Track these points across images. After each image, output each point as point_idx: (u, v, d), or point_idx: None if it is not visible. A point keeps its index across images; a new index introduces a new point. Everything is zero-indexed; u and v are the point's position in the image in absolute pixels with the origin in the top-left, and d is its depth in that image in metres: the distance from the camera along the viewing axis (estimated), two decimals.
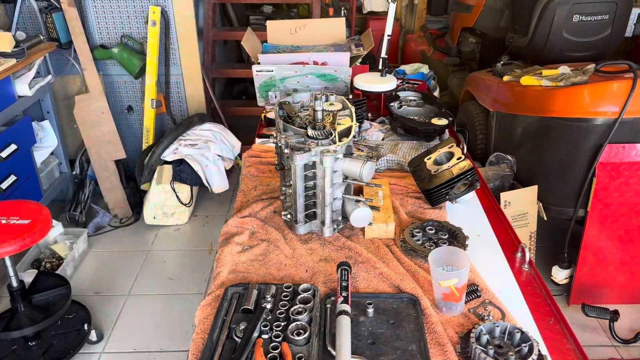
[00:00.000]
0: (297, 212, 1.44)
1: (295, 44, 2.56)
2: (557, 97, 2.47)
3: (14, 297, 2.28)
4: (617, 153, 2.36)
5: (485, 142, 3.29)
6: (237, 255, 1.40)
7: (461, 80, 4.01)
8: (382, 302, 1.21)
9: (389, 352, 1.07)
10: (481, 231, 1.54)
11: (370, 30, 2.59)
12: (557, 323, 1.20)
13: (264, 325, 1.11)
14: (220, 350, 1.07)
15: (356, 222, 1.42)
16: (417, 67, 3.45)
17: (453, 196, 1.60)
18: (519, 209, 2.62)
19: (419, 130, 1.98)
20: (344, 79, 2.26)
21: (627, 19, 3.09)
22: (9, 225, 2.11)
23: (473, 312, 1.20)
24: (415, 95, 2.27)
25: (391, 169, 1.88)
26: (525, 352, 1.03)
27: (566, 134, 2.44)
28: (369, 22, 5.00)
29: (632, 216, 2.46)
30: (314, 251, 1.42)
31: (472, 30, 4.32)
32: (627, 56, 3.94)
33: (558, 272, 2.73)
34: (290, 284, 1.24)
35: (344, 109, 1.45)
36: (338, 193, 1.43)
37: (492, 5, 3.84)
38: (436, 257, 1.18)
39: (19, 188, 2.80)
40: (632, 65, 2.43)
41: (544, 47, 3.06)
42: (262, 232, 1.50)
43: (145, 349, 2.44)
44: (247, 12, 4.94)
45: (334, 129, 1.34)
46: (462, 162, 1.56)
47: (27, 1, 3.20)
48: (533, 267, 1.39)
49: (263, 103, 2.41)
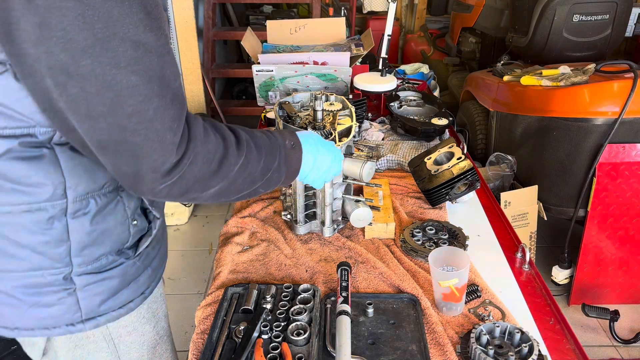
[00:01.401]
0: (297, 212, 1.44)
1: (295, 43, 2.56)
2: (557, 97, 2.47)
3: None
4: (617, 153, 2.36)
5: (485, 142, 3.29)
6: (237, 255, 1.40)
7: (461, 80, 4.01)
8: (382, 302, 1.21)
9: (389, 352, 1.07)
10: (481, 231, 1.54)
11: (370, 30, 2.59)
12: (557, 323, 1.20)
13: (264, 325, 1.10)
14: (220, 350, 1.07)
15: (356, 222, 1.42)
16: (417, 67, 3.44)
17: (453, 196, 1.60)
18: (519, 209, 2.62)
19: (419, 130, 1.98)
20: (344, 78, 2.26)
21: (627, 19, 3.09)
22: None
23: (473, 312, 1.20)
24: (416, 95, 2.27)
25: (391, 169, 1.88)
26: (526, 353, 1.03)
27: (566, 134, 2.44)
28: (369, 22, 5.00)
29: (632, 216, 2.46)
30: (314, 251, 1.42)
31: (472, 30, 4.32)
32: (627, 56, 3.94)
33: (558, 272, 2.73)
34: (290, 284, 1.24)
35: (343, 109, 1.45)
36: (338, 193, 1.43)
37: (492, 5, 3.84)
38: (436, 257, 1.18)
39: None
40: (632, 65, 2.43)
41: (544, 47, 3.06)
42: (262, 232, 1.50)
43: None
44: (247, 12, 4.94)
45: (334, 129, 1.34)
46: (462, 162, 1.56)
47: None
48: (533, 267, 1.39)
49: (263, 103, 2.41)
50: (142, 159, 0.76)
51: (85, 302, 0.95)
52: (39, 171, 0.82)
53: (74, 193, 0.86)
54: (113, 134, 0.73)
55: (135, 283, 1.01)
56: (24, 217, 0.85)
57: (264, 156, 0.94)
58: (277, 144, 0.99)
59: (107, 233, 0.93)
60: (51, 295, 0.92)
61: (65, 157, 0.84)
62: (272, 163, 0.96)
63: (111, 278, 0.96)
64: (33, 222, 0.85)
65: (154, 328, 1.13)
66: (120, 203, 0.93)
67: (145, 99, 0.72)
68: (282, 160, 0.99)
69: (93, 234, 0.91)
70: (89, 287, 0.94)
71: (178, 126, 0.77)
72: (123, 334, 1.06)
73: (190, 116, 0.82)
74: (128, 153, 0.75)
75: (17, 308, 0.92)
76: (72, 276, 0.92)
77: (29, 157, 0.81)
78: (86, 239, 0.90)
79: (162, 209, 1.04)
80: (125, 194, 0.94)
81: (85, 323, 0.96)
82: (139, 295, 1.03)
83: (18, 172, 0.81)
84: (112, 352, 1.07)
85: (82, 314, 0.95)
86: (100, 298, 0.96)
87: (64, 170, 0.84)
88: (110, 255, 0.95)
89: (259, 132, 0.98)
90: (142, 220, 0.99)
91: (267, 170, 0.95)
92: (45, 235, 0.87)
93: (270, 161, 0.96)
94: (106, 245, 0.94)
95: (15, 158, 0.80)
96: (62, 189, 0.85)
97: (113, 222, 0.93)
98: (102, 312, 0.97)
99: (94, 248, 0.92)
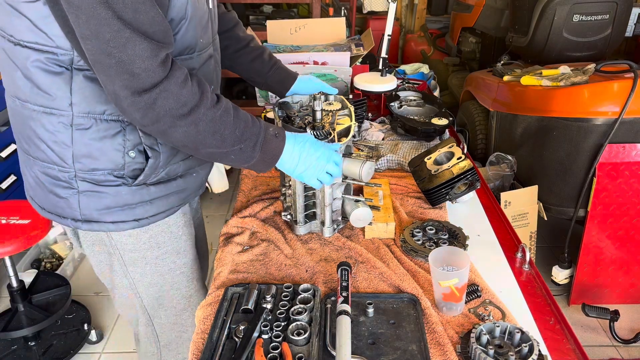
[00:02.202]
0: (297, 212, 1.44)
1: (295, 43, 2.56)
2: (558, 97, 2.47)
3: (14, 297, 2.28)
4: (617, 153, 2.36)
5: (485, 142, 3.29)
6: (237, 255, 1.40)
7: (461, 80, 4.01)
8: (382, 302, 1.21)
9: (389, 352, 1.07)
10: (481, 231, 1.54)
11: (370, 30, 2.59)
12: (557, 323, 1.20)
13: (264, 325, 1.10)
14: (221, 350, 1.07)
15: (356, 222, 1.42)
16: (417, 67, 3.44)
17: (453, 196, 1.60)
18: (519, 209, 2.62)
19: (419, 130, 1.98)
20: (344, 78, 2.26)
21: (627, 18, 3.09)
22: (9, 225, 2.11)
23: (473, 312, 1.20)
24: (416, 95, 2.27)
25: (391, 169, 1.88)
26: (526, 352, 1.03)
27: (566, 133, 2.44)
28: (369, 22, 5.00)
29: (633, 216, 2.46)
30: (314, 251, 1.42)
31: (472, 30, 4.32)
32: (627, 56, 3.94)
33: (558, 272, 2.74)
34: (291, 284, 1.24)
35: (343, 109, 1.45)
36: (338, 193, 1.43)
37: (493, 5, 3.84)
38: (436, 257, 1.18)
39: (19, 188, 2.80)
40: (633, 65, 2.43)
41: (544, 47, 3.06)
42: (262, 232, 1.50)
43: None
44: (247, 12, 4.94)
45: (333, 129, 1.34)
46: (462, 161, 1.56)
47: None
48: (533, 267, 1.39)
49: (263, 103, 2.41)
50: (116, 77, 0.97)
51: (84, 205, 1.19)
52: (56, 84, 1.08)
53: (77, 109, 1.10)
54: (97, 54, 0.96)
55: (129, 208, 1.22)
56: (43, 117, 1.11)
57: (239, 127, 1.11)
58: (258, 126, 1.16)
59: (103, 152, 1.14)
60: (62, 190, 1.19)
61: (77, 79, 1.08)
62: (246, 136, 1.12)
63: (106, 194, 1.19)
64: (49, 122, 1.12)
65: (157, 258, 1.34)
66: (120, 134, 1.14)
67: (118, 30, 0.93)
68: (259, 140, 1.15)
69: (90, 147, 1.14)
70: (88, 194, 1.18)
71: (150, 58, 0.97)
72: (127, 251, 1.30)
73: (177, 63, 1.04)
74: (106, 72, 0.97)
75: (42, 190, 1.22)
76: (77, 179, 1.17)
77: (52, 72, 1.07)
78: (84, 149, 1.14)
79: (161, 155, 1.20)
80: (130, 128, 1.15)
81: (83, 224, 1.22)
82: (131, 220, 1.24)
83: (43, 81, 1.07)
84: (118, 259, 1.32)
85: (80, 214, 1.20)
86: (95, 207, 1.20)
87: (72, 89, 1.08)
88: (108, 174, 1.17)
89: (247, 114, 1.16)
90: (139, 156, 1.18)
91: (238, 140, 1.11)
92: (56, 136, 1.13)
93: (244, 134, 1.12)
94: (101, 162, 1.15)
95: (43, 69, 1.06)
96: (69, 103, 1.09)
97: (110, 146, 1.14)
98: (96, 219, 1.21)
99: (91, 160, 1.15)
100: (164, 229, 1.32)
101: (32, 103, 1.11)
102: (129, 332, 2.53)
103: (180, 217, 1.36)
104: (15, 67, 1.09)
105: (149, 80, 0.98)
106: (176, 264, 1.38)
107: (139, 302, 1.42)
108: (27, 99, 1.11)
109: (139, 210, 1.23)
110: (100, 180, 1.17)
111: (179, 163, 1.26)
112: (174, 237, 1.35)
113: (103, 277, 1.43)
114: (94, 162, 1.15)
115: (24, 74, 1.08)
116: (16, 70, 1.09)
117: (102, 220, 1.21)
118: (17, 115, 1.17)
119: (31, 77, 1.08)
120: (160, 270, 1.37)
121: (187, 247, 1.41)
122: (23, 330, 2.21)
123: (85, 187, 1.17)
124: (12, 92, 1.14)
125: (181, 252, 1.39)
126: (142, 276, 1.36)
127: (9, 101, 1.18)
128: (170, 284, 1.40)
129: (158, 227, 1.30)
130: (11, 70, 1.10)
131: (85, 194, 1.18)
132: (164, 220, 1.31)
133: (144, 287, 1.38)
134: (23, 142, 1.20)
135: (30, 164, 1.21)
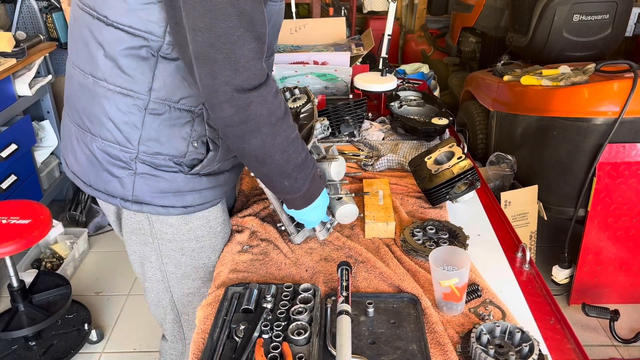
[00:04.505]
0: (286, 225, 1.43)
1: (295, 43, 2.56)
2: (557, 96, 2.47)
3: (15, 296, 2.29)
4: (617, 153, 2.36)
5: (485, 141, 3.29)
6: (237, 255, 1.40)
7: (461, 80, 4.01)
8: (382, 301, 1.21)
9: (389, 352, 1.07)
10: (482, 231, 1.54)
11: (370, 29, 2.59)
12: (557, 323, 1.20)
13: (265, 325, 1.10)
14: (221, 350, 1.07)
15: (343, 219, 1.42)
16: (417, 67, 3.44)
17: (453, 196, 1.60)
18: (520, 209, 2.62)
19: (419, 130, 1.98)
20: (344, 78, 2.26)
21: (627, 18, 3.09)
22: (9, 225, 2.11)
23: (473, 311, 1.20)
24: (416, 95, 2.27)
25: (391, 169, 1.88)
26: (526, 352, 1.03)
27: (566, 133, 2.44)
28: (369, 22, 4.99)
29: (632, 216, 2.46)
30: (314, 251, 1.42)
31: (472, 30, 4.32)
32: (627, 56, 3.94)
33: (558, 272, 2.74)
34: (291, 283, 1.24)
35: (307, 102, 1.42)
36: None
37: (493, 4, 3.84)
38: (436, 256, 1.18)
39: (19, 188, 2.80)
40: (633, 65, 2.43)
41: (544, 46, 3.06)
42: (262, 231, 1.50)
43: (145, 348, 2.44)
44: None
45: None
46: (462, 161, 1.56)
47: (27, 1, 3.20)
48: (533, 267, 1.39)
49: None
50: (219, 72, 0.97)
51: (138, 186, 1.21)
52: (140, 68, 1.10)
53: (155, 94, 1.13)
54: (205, 47, 0.96)
55: (180, 195, 1.24)
56: (118, 97, 1.13)
57: (302, 156, 1.15)
58: (313, 161, 1.22)
59: (169, 138, 1.17)
60: (119, 169, 1.20)
61: (161, 67, 1.10)
62: (304, 167, 1.17)
63: (162, 179, 1.21)
64: (123, 103, 1.13)
65: (193, 251, 1.35)
66: (189, 124, 1.18)
67: (233, 27, 0.95)
68: (310, 175, 1.20)
69: (159, 133, 1.16)
70: (144, 176, 1.20)
71: (255, 59, 0.99)
72: (165, 240, 1.32)
73: (271, 74, 1.06)
74: (211, 65, 0.97)
75: (95, 168, 1.22)
76: (137, 161, 1.19)
77: (139, 57, 1.09)
78: (153, 134, 1.16)
79: (220, 149, 1.24)
80: (199, 120, 1.18)
81: (133, 204, 1.23)
82: (180, 206, 1.26)
83: (128, 64, 1.09)
84: (155, 249, 1.33)
85: (132, 194, 1.22)
86: (149, 189, 1.22)
87: (155, 75, 1.11)
88: (168, 159, 1.20)
89: None
90: (201, 147, 1.21)
91: (297, 167, 1.15)
92: (128, 117, 1.14)
93: (304, 164, 1.17)
94: (165, 147, 1.18)
95: (130, 53, 1.08)
96: (148, 88, 1.12)
97: (177, 133, 1.18)
98: (147, 202, 1.23)
99: (156, 144, 1.17)
100: (204, 223, 1.34)
101: (109, 82, 1.12)
102: (129, 332, 2.53)
103: (220, 214, 1.38)
104: (98, 46, 1.09)
105: (251, 81, 0.99)
106: (211, 260, 1.39)
107: (168, 297, 1.43)
108: (105, 78, 1.12)
109: (189, 198, 1.26)
110: (160, 164, 1.20)
111: (231, 159, 1.30)
112: (213, 232, 1.37)
113: (137, 268, 1.44)
114: (159, 147, 1.18)
115: (109, 54, 1.09)
116: (99, 49, 1.10)
117: (152, 203, 1.23)
118: (86, 91, 1.16)
119: (116, 58, 1.09)
120: (195, 264, 1.37)
121: (222, 245, 1.42)
122: (23, 330, 2.21)
123: (144, 169, 1.20)
124: (87, 69, 1.14)
125: (217, 249, 1.39)
126: (177, 268, 1.37)
127: (79, 77, 1.17)
128: (202, 280, 1.41)
129: (199, 220, 1.32)
130: (93, 48, 1.10)
131: (142, 176, 1.20)
132: (204, 214, 1.33)
133: (176, 280, 1.39)
134: (85, 118, 1.19)
135: (87, 141, 1.21)
